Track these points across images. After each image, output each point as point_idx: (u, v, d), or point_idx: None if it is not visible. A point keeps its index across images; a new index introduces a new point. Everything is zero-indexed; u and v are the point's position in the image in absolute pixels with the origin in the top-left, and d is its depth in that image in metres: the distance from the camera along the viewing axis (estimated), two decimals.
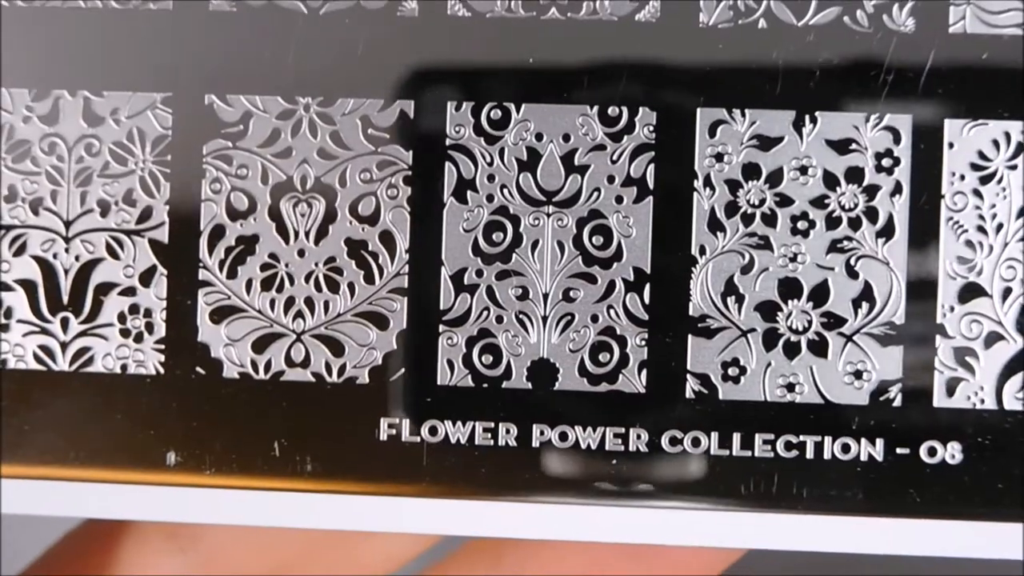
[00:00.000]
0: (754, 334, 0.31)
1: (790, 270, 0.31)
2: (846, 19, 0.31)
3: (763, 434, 0.31)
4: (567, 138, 0.31)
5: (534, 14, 0.31)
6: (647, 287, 0.31)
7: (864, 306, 0.31)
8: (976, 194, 0.31)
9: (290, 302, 0.32)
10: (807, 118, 0.31)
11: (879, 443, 0.31)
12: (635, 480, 0.31)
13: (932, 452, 0.31)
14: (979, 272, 0.31)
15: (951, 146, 0.31)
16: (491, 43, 0.31)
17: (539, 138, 0.31)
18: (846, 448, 0.31)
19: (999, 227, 0.31)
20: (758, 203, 0.31)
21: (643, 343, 0.31)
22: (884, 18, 0.31)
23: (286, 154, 0.31)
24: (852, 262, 0.31)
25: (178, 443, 0.32)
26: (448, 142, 0.31)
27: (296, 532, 0.34)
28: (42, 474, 0.32)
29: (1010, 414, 0.31)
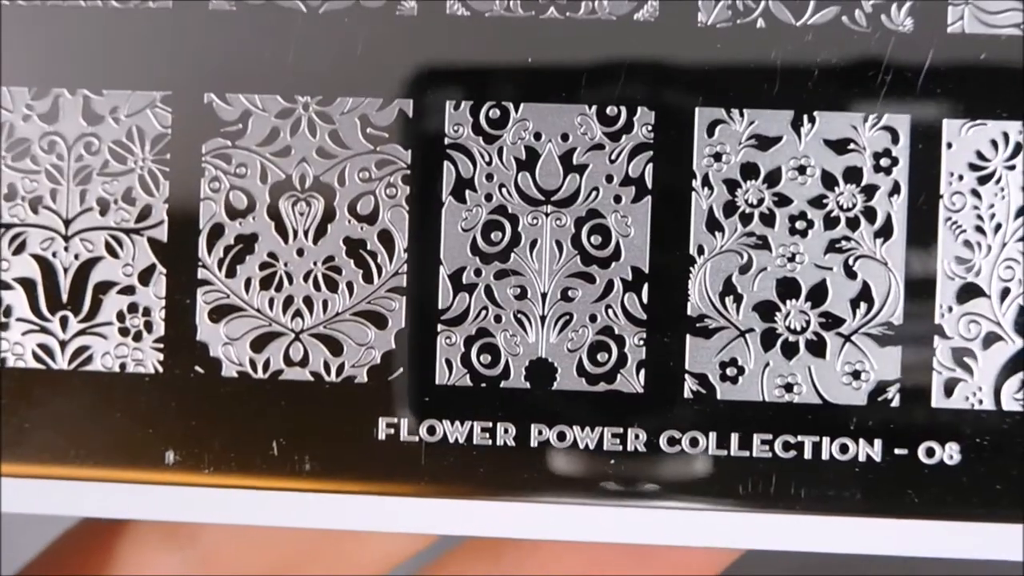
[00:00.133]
0: (752, 334, 0.31)
1: (788, 270, 0.31)
2: (844, 19, 0.31)
3: (761, 434, 0.31)
4: (566, 137, 0.31)
5: (533, 13, 0.31)
6: (645, 287, 0.31)
7: (862, 306, 0.31)
8: (974, 194, 0.31)
9: (289, 301, 0.32)
10: (805, 118, 0.31)
11: (877, 443, 0.31)
12: (633, 480, 0.31)
13: (930, 453, 0.31)
14: (977, 272, 0.31)
15: (949, 146, 0.31)
16: (490, 42, 0.31)
17: (538, 137, 0.31)
18: (844, 448, 0.31)
19: (997, 227, 0.31)
20: (756, 203, 0.31)
21: (641, 343, 0.31)
22: (882, 18, 0.31)
23: (285, 153, 0.31)
24: (850, 262, 0.31)
25: (177, 442, 0.32)
26: (447, 141, 0.31)
27: (294, 531, 0.34)
28: (41, 473, 0.32)
29: (1008, 415, 0.31)
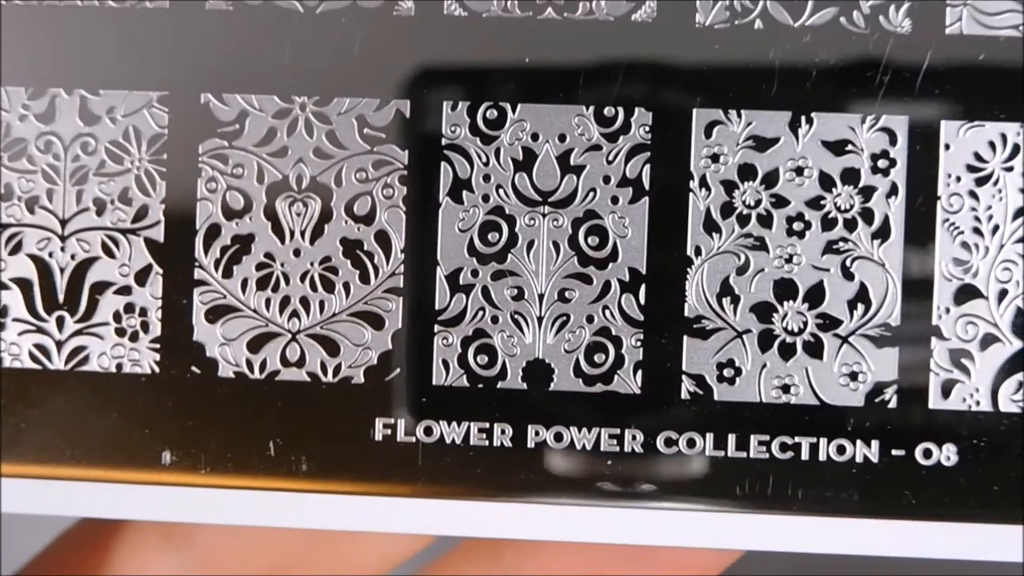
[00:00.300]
0: (749, 335, 0.31)
1: (786, 271, 0.31)
2: (842, 20, 0.31)
3: (758, 435, 0.31)
4: (563, 138, 0.31)
5: (531, 14, 0.31)
6: (643, 288, 0.31)
7: (860, 307, 0.31)
8: (972, 196, 0.31)
9: (285, 301, 0.31)
10: (803, 119, 0.31)
11: (874, 445, 0.31)
12: (630, 480, 0.31)
13: (927, 454, 0.31)
14: (975, 274, 0.31)
15: (947, 147, 0.31)
16: (487, 43, 0.31)
17: (535, 138, 0.31)
18: (841, 449, 0.31)
19: (995, 229, 0.31)
20: (754, 204, 0.31)
21: (638, 344, 0.31)
22: (880, 19, 0.31)
23: (282, 153, 0.31)
24: (848, 263, 0.31)
25: (173, 442, 0.32)
26: (444, 142, 0.31)
27: (291, 532, 0.34)
28: (38, 473, 0.32)
29: (1005, 416, 0.31)
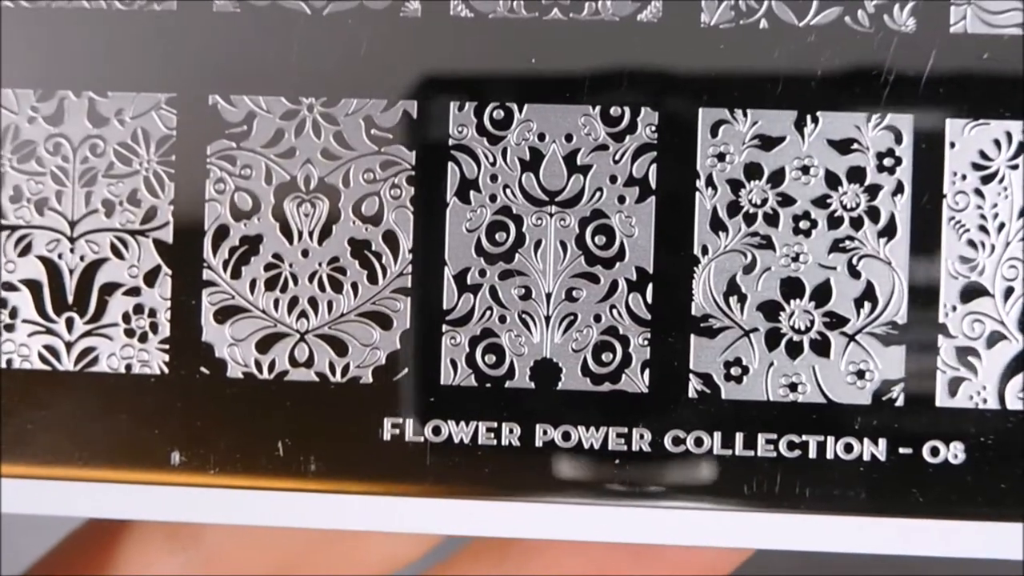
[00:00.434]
0: (756, 334, 0.31)
1: (792, 270, 0.31)
2: (847, 19, 0.31)
3: (766, 434, 0.31)
4: (569, 138, 0.31)
5: (536, 15, 0.31)
6: (650, 287, 0.31)
7: (866, 306, 0.31)
8: (978, 193, 0.31)
9: (294, 302, 0.32)
10: (808, 118, 0.31)
11: (882, 443, 0.31)
12: (638, 480, 0.31)
13: (935, 452, 0.31)
14: (981, 272, 0.31)
15: (952, 146, 0.31)
16: (494, 44, 0.31)
17: (542, 138, 0.31)
18: (849, 448, 0.31)
19: (1001, 227, 0.31)
20: (760, 203, 0.31)
21: (646, 343, 0.31)
22: (885, 18, 0.31)
23: (290, 154, 0.32)
24: (854, 262, 0.31)
25: (182, 443, 0.32)
26: (451, 142, 0.31)
27: (298, 531, 0.34)
28: (46, 474, 0.32)
29: (1012, 414, 0.31)
